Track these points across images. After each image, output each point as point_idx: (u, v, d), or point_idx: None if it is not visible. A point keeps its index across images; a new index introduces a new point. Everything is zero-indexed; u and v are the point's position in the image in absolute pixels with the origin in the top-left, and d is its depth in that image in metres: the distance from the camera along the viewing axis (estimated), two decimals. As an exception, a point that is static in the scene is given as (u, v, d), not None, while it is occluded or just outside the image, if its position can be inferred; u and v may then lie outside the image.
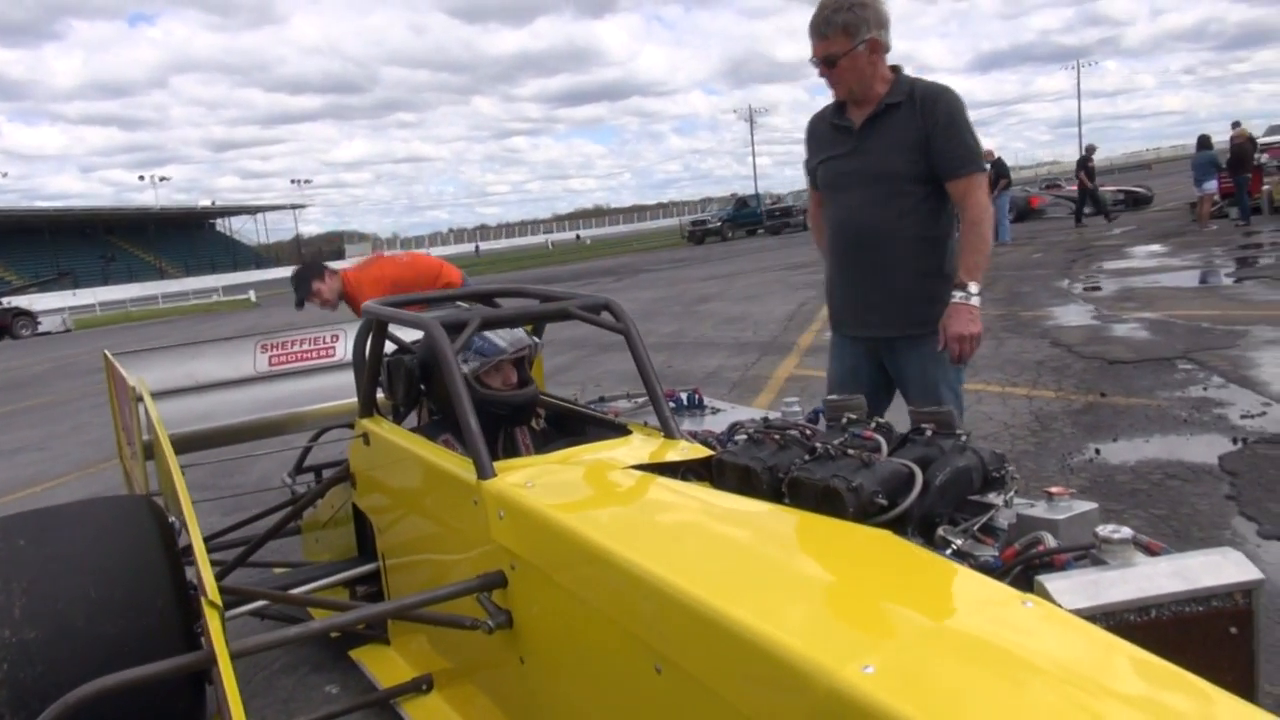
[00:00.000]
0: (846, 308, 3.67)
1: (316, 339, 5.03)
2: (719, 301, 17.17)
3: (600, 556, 1.99)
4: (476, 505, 2.47)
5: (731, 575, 1.84)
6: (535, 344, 3.32)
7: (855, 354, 3.67)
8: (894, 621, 1.62)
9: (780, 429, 2.55)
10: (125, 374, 4.04)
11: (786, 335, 11.67)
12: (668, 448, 2.74)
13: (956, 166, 3.35)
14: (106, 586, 2.61)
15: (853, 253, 3.58)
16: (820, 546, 2.01)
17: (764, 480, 2.36)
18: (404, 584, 3.22)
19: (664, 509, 2.32)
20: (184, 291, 58.15)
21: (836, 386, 3.69)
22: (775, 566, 1.90)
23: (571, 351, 12.35)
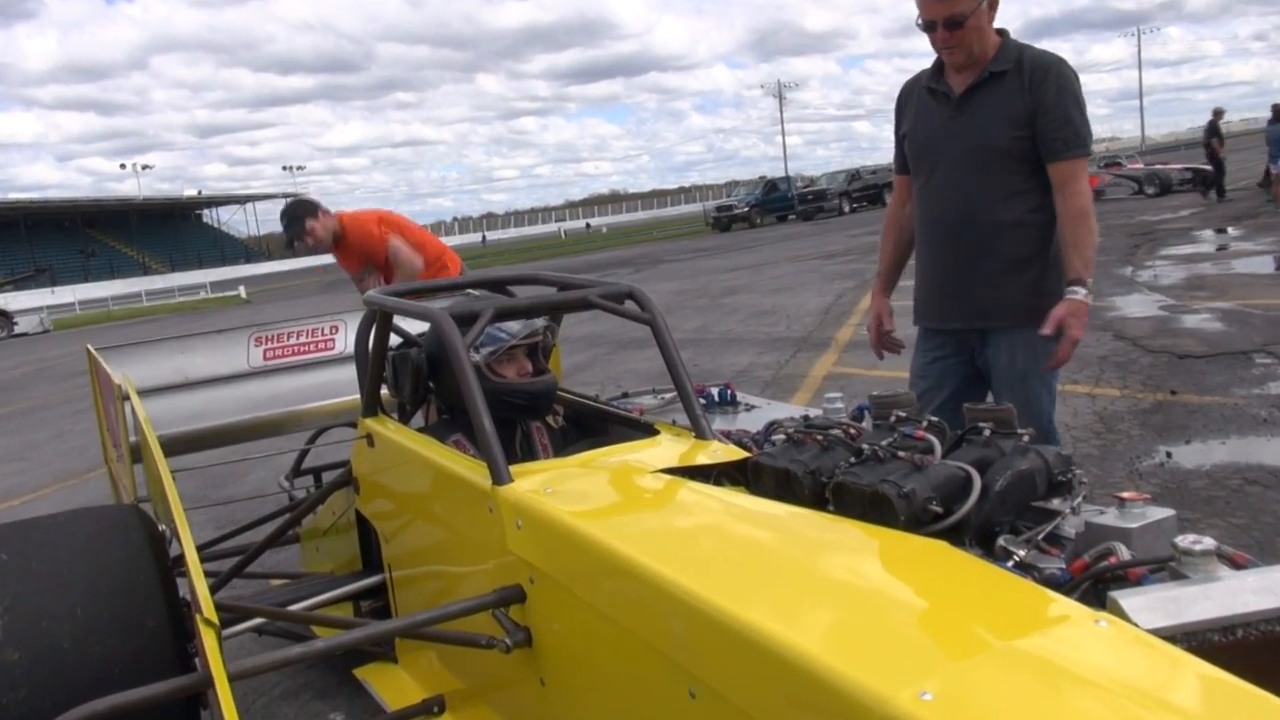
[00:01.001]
0: (933, 296, 3.63)
1: (315, 331, 5.04)
2: (748, 294, 17.15)
3: (627, 569, 1.97)
4: (492, 513, 2.46)
5: (772, 590, 1.82)
6: (550, 327, 3.31)
7: (943, 348, 3.63)
8: (953, 642, 1.59)
9: (823, 428, 2.52)
10: (110, 370, 4.05)
11: (823, 330, 11.63)
12: (699, 449, 2.72)
13: (1060, 149, 3.30)
14: (94, 604, 2.61)
15: (943, 235, 3.54)
16: (869, 559, 1.98)
17: (805, 485, 2.35)
18: (413, 598, 3.21)
19: (696, 516, 2.30)
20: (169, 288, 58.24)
21: (919, 383, 3.66)
22: (820, 581, 1.88)
23: (589, 350, 12.36)
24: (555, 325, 3.47)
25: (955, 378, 3.58)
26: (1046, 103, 3.28)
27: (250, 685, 3.99)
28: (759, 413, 3.47)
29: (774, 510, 2.24)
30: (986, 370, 3.54)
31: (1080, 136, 3.31)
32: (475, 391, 2.59)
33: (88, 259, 78.07)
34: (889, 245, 3.86)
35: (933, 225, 3.57)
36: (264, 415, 4.79)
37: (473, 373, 2.64)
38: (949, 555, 1.91)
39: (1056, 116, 3.28)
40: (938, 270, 3.59)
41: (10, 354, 26.79)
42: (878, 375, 7.75)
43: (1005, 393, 3.41)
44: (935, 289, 3.61)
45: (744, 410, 3.55)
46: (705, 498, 2.37)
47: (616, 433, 3.30)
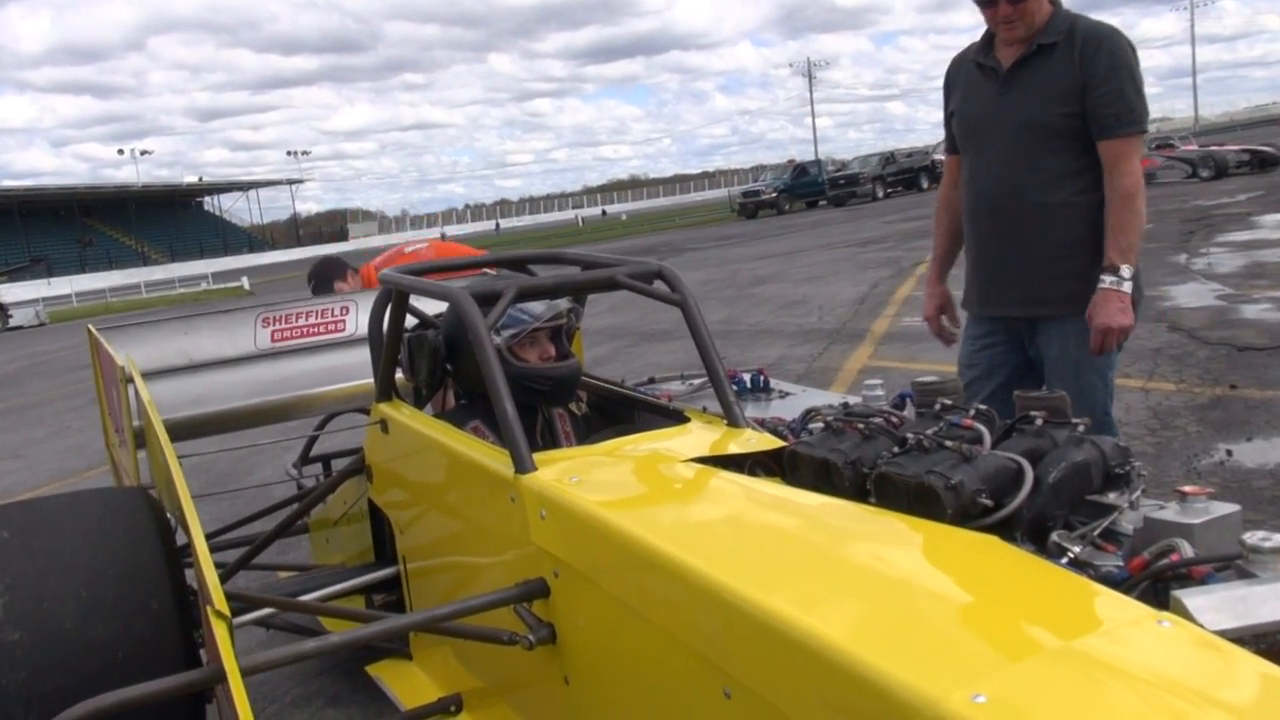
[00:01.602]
0: (981, 282, 3.62)
1: (325, 311, 5.04)
2: (777, 283, 17.10)
3: (658, 563, 1.97)
4: (514, 503, 2.46)
5: (813, 585, 1.82)
6: (574, 309, 3.30)
7: (992, 335, 3.62)
8: (1007, 643, 1.58)
9: (864, 416, 2.51)
10: (112, 351, 4.07)
11: (857, 321, 11.60)
12: (731, 437, 2.72)
13: (1111, 125, 3.27)
14: (98, 586, 2.64)
15: (991, 218, 3.53)
16: (915, 554, 1.98)
17: (846, 476, 2.34)
18: (429, 591, 3.22)
19: (730, 508, 2.30)
20: (169, 279, 58.66)
21: (967, 372, 3.64)
22: (863, 576, 1.87)
23: (609, 342, 12.37)
24: (579, 307, 3.47)
25: (1006, 366, 3.56)
26: (1098, 76, 3.24)
27: (260, 691, 4.01)
28: (794, 400, 3.47)
29: (812, 502, 2.23)
30: (1038, 359, 3.52)
31: (1134, 113, 3.28)
32: (497, 374, 2.59)
33: (84, 249, 78.68)
34: (942, 229, 3.84)
35: (980, 207, 3.55)
36: (271, 400, 4.81)
37: (495, 355, 2.64)
38: (1000, 551, 1.90)
39: (1108, 90, 3.25)
40: (986, 254, 3.57)
41: (5, 348, 26.99)
42: (916, 369, 7.72)
43: (1058, 383, 3.37)
44: (983, 274, 3.59)
45: (778, 397, 3.54)
46: (739, 488, 2.36)
47: (643, 420, 3.30)
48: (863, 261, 18.66)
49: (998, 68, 3.44)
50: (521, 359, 3.14)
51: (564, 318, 3.23)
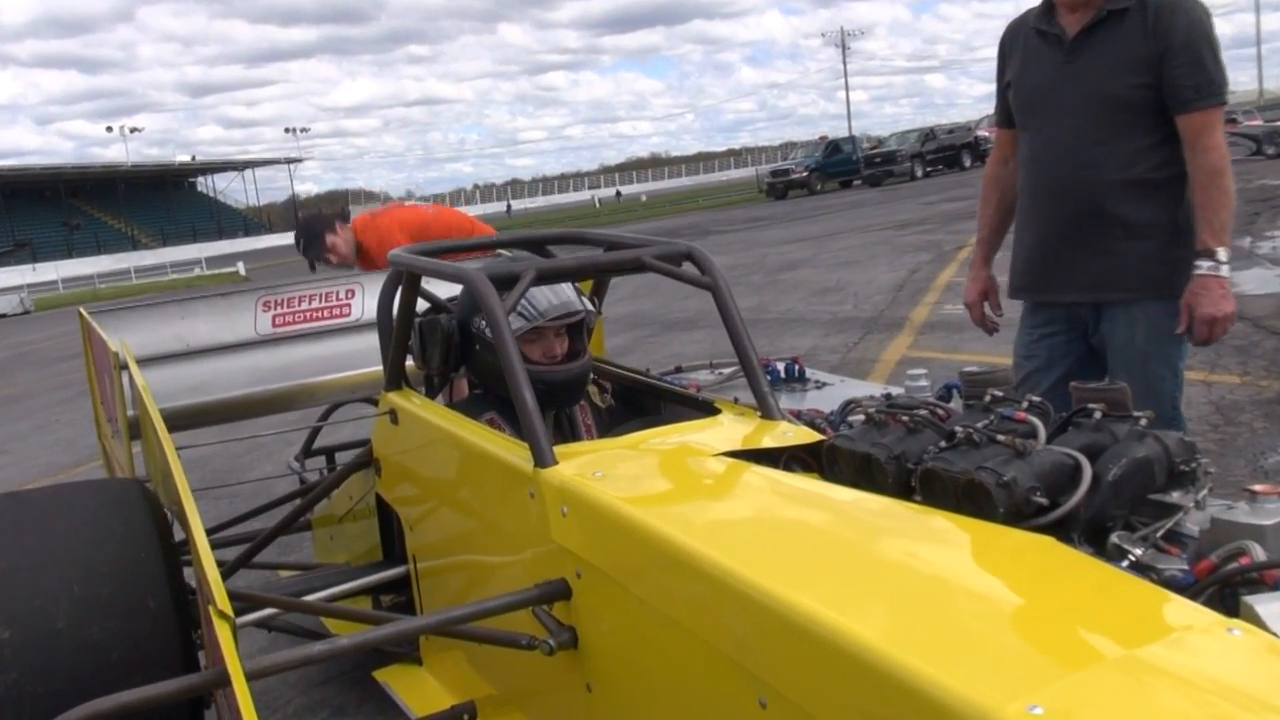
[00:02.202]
0: (1041, 266, 3.59)
1: (329, 295, 5.06)
2: (809, 268, 17.07)
3: (688, 563, 1.97)
4: (533, 498, 2.47)
5: (855, 588, 1.81)
6: (590, 311, 3.29)
7: (1051, 324, 3.59)
8: (1065, 650, 1.58)
9: (907, 408, 2.50)
10: (106, 336, 4.09)
11: (896, 309, 11.58)
12: (765, 430, 2.71)
13: (1190, 98, 3.24)
14: (92, 583, 2.66)
15: (1053, 197, 3.50)
16: (965, 556, 1.97)
17: (889, 472, 2.33)
18: (441, 592, 3.23)
19: (765, 505, 2.30)
20: (161, 264, 59.00)
21: (1025, 364, 3.63)
22: (909, 579, 1.87)
23: (629, 331, 12.38)
24: (597, 301, 3.46)
25: (1067, 357, 3.53)
26: (1174, 45, 3.21)
27: (260, 700, 4.00)
28: (831, 391, 3.46)
29: (853, 500, 2.23)
30: (1101, 349, 3.49)
31: (1214, 84, 3.25)
32: (515, 362, 2.59)
33: (71, 232, 79.20)
34: (989, 208, 3.82)
35: (1041, 186, 3.53)
36: (273, 388, 4.83)
37: (513, 342, 2.64)
38: (1056, 552, 1.89)
39: (1186, 60, 3.21)
40: (1047, 236, 3.54)
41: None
42: (960, 360, 7.68)
43: (1123, 375, 3.35)
44: (1044, 257, 3.56)
45: (814, 388, 3.54)
46: (774, 484, 2.36)
47: (670, 412, 3.30)
48: (901, 245, 18.59)
49: (1061, 35, 3.41)
50: (524, 358, 3.12)
51: (578, 316, 3.22)
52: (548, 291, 3.18)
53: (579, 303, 3.23)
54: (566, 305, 3.18)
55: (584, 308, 3.23)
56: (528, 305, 3.13)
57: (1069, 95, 3.39)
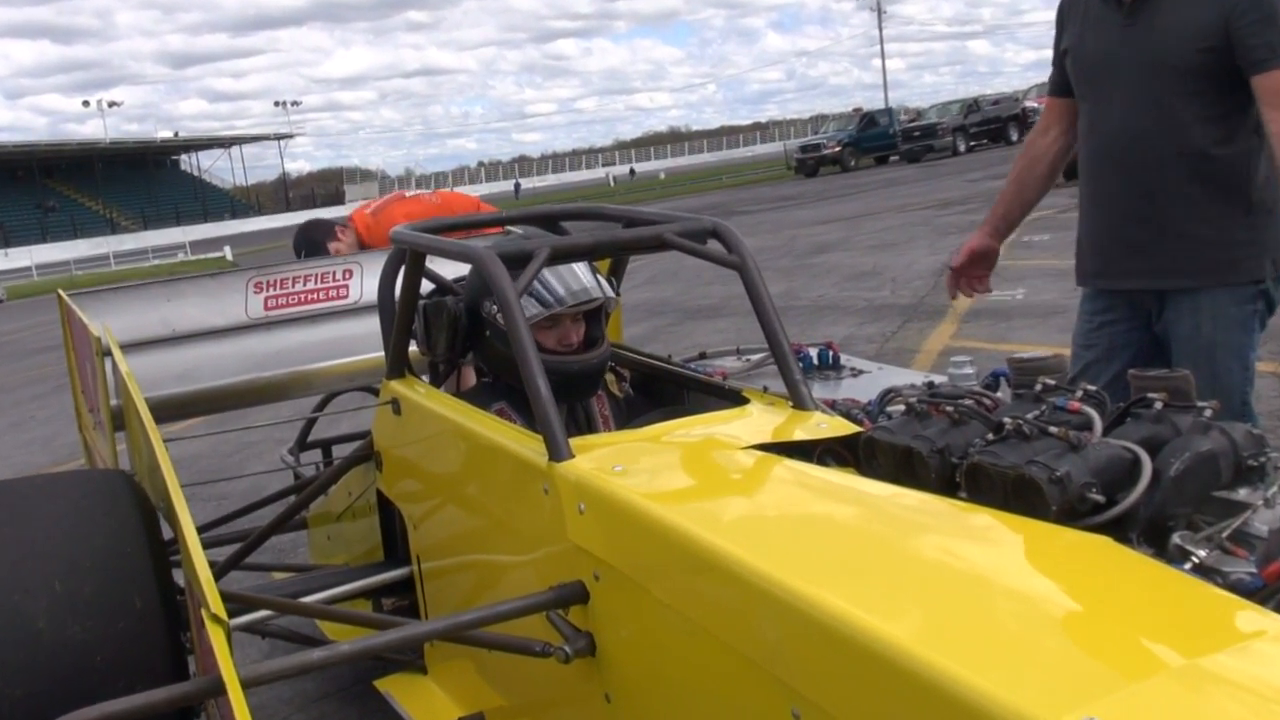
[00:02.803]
0: (1102, 249, 3.57)
1: (326, 275, 5.07)
2: (842, 251, 17.07)
3: (715, 564, 1.97)
4: (548, 495, 2.47)
5: (897, 592, 1.81)
6: (609, 298, 3.29)
7: (1112, 311, 3.57)
8: (1123, 658, 1.58)
9: (951, 398, 2.50)
10: (87, 320, 4.11)
11: (937, 295, 11.54)
12: (798, 421, 2.72)
13: (1264, 56, 3.19)
14: (75, 579, 2.67)
15: (1115, 174, 3.47)
16: (1014, 556, 1.97)
17: (931, 466, 2.33)
18: (447, 596, 3.25)
19: (798, 502, 2.30)
20: (142, 249, 58.97)
21: (1084, 354, 3.61)
22: (954, 582, 1.87)
23: (648, 320, 12.40)
24: (615, 282, 3.46)
25: (1129, 347, 3.51)
26: (1242, 4, 3.19)
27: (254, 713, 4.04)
28: (869, 379, 3.46)
29: (894, 497, 2.23)
30: (1165, 338, 3.47)
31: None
32: (529, 348, 2.60)
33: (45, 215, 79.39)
34: (1014, 175, 3.79)
35: (1103, 162, 3.50)
36: (265, 376, 4.84)
37: (526, 326, 2.64)
38: (1113, 554, 1.89)
39: (1257, 19, 3.18)
40: (1108, 217, 3.52)
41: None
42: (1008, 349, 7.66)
43: (1188, 366, 3.32)
44: (1105, 239, 3.54)
45: (850, 375, 3.54)
46: (808, 480, 2.36)
47: (695, 402, 3.30)
48: (942, 226, 18.54)
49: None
50: (539, 346, 3.12)
51: (597, 301, 3.22)
52: (565, 274, 3.18)
53: (599, 286, 3.23)
54: (586, 290, 3.18)
55: (604, 292, 3.24)
56: (543, 289, 3.13)
57: (1131, 63, 3.36)
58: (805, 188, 38.99)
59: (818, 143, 50.34)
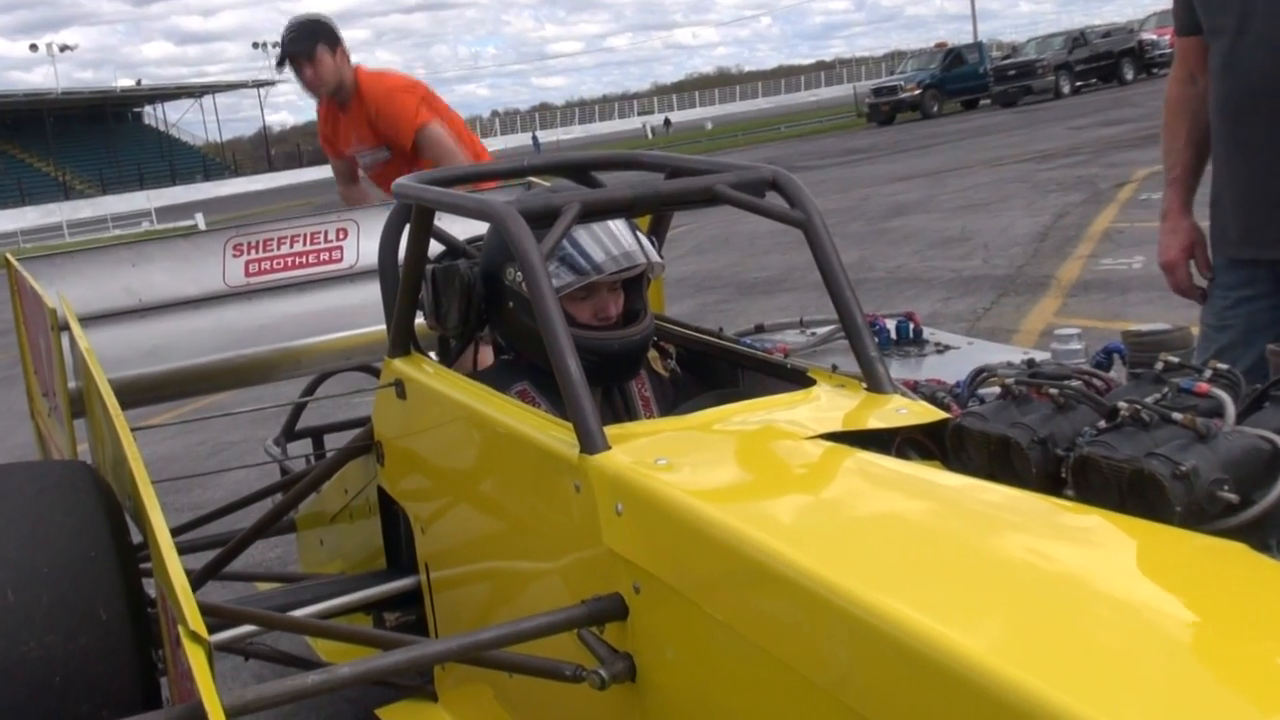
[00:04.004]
0: (1243, 211, 3.54)
1: (316, 236, 5.09)
2: (923, 213, 17.04)
3: (778, 574, 1.97)
4: (580, 493, 2.47)
5: (992, 610, 1.81)
6: (655, 263, 3.28)
7: (1253, 285, 3.54)
8: (1261, 687, 1.57)
9: (1056, 379, 2.49)
10: (41, 290, 4.14)
11: (1038, 264, 11.55)
12: (873, 406, 2.71)
13: None
14: (31, 588, 2.70)
15: (1256, 122, 3.44)
16: (1132, 566, 1.97)
17: (1032, 459, 2.32)
18: (461, 610, 3.26)
19: (875, 502, 2.30)
20: (100, 216, 59.27)
21: (1219, 336, 3.57)
22: (1061, 596, 1.86)
23: (693, 296, 12.41)
24: (656, 243, 3.46)
25: (1271, 327, 3.46)
26: None
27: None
28: (957, 355, 3.44)
29: (987, 495, 2.22)
30: None
31: None
32: (557, 321, 2.58)
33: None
34: (1179, 140, 3.74)
35: (1243, 106, 3.46)
36: (247, 354, 4.88)
37: (553, 295, 2.62)
38: (1248, 562, 1.88)
39: None
40: (1250, 172, 3.49)
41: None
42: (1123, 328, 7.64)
43: None
44: (1247, 199, 3.51)
45: (934, 352, 3.52)
46: (886, 475, 2.36)
47: (751, 382, 3.29)
48: (1042, 183, 18.49)
49: None
50: (571, 319, 3.09)
51: (640, 267, 3.22)
52: (602, 234, 3.17)
53: (641, 250, 3.23)
54: (628, 254, 3.18)
55: (648, 256, 3.23)
56: (577, 253, 3.12)
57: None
58: (879, 138, 38.90)
59: (893, 85, 50.44)
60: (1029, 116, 36.53)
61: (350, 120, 6.07)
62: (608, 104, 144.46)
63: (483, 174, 4.14)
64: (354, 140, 6.16)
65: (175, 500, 7.02)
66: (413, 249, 3.29)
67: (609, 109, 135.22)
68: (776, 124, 67.70)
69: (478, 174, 4.10)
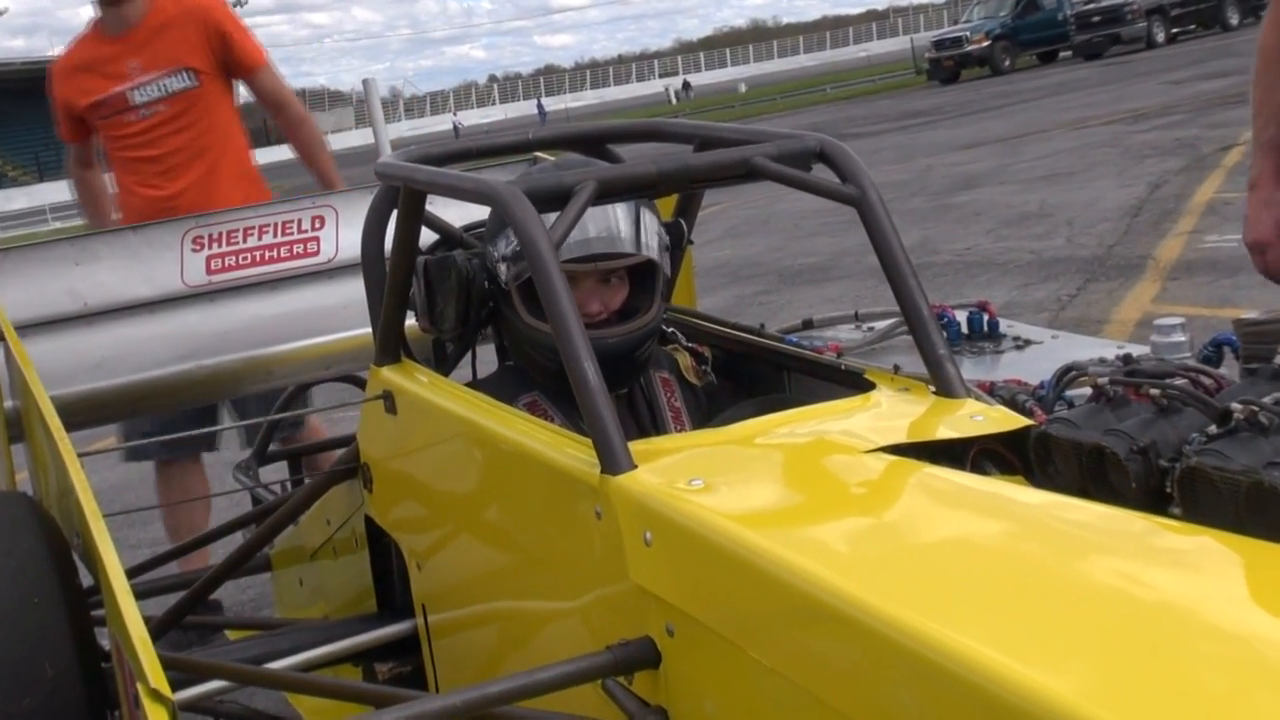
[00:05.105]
0: None
1: (287, 225, 5.08)
2: (995, 186, 17.09)
3: (836, 612, 1.96)
4: (601, 520, 2.47)
5: (1084, 646, 1.80)
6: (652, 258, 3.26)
7: None
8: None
9: (1158, 376, 2.48)
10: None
11: (1131, 243, 11.55)
12: (943, 413, 2.71)
13: None
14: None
15: None
16: (1250, 595, 1.96)
17: (1131, 472, 2.32)
18: (465, 659, 3.27)
19: (947, 526, 2.29)
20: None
21: None
22: (1168, 631, 1.85)
23: (728, 288, 12.44)
24: (685, 226, 3.45)
25: None
26: None
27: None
28: (1039, 352, 3.43)
29: (1078, 515, 2.21)
30: None
31: None
32: (570, 319, 2.57)
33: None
34: (1274, 93, 3.74)
35: None
36: (210, 365, 4.87)
37: (566, 289, 2.61)
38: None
39: None
40: None
41: None
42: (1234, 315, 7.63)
43: None
44: None
45: (1013, 347, 3.51)
46: (960, 494, 2.36)
47: (799, 387, 3.29)
48: (1135, 147, 18.48)
49: None
50: (536, 318, 3.14)
51: (623, 259, 3.21)
52: (598, 216, 3.13)
53: (638, 238, 3.21)
54: (615, 237, 3.17)
55: (646, 249, 3.21)
56: None
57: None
58: (942, 99, 38.93)
59: (958, 36, 50.41)
60: (1117, 70, 36.48)
61: (129, 43, 5.71)
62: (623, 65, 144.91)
63: (483, 150, 4.13)
64: (134, 70, 5.73)
65: (131, 536, 7.04)
66: (401, 238, 3.28)
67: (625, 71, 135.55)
68: (821, 84, 67.67)
69: (477, 150, 4.10)
